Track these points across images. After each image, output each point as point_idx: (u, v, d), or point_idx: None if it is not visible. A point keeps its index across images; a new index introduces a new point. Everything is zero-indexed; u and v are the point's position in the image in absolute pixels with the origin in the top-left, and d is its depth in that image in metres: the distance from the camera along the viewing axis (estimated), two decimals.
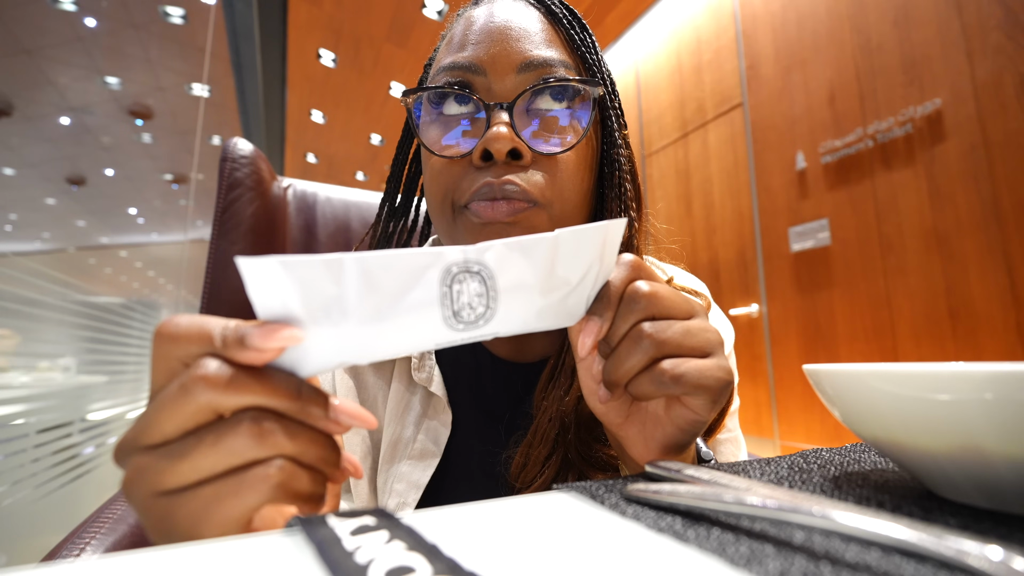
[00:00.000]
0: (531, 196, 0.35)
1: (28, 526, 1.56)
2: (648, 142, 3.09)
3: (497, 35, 0.37)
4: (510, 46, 0.36)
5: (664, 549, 0.16)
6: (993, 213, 1.59)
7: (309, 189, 0.97)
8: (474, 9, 0.41)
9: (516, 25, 0.37)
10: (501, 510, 0.21)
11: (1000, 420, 0.17)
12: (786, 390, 2.20)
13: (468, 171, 0.36)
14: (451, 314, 0.22)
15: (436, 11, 3.25)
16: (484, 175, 0.35)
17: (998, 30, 1.59)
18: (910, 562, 0.14)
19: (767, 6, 2.37)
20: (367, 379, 0.44)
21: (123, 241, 6.48)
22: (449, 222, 0.37)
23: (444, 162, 0.36)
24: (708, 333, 0.26)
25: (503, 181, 0.34)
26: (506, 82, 0.36)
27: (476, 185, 0.35)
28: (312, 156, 5.76)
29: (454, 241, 0.38)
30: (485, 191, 0.34)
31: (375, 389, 0.43)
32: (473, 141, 0.36)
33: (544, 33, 0.38)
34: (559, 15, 0.40)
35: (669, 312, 0.26)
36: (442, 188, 0.37)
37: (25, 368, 1.96)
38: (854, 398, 0.22)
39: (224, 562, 0.15)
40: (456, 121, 0.37)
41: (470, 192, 0.35)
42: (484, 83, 0.36)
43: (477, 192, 0.35)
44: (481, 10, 0.40)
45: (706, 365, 0.25)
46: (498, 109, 0.35)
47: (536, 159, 0.36)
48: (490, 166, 0.35)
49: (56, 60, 3.42)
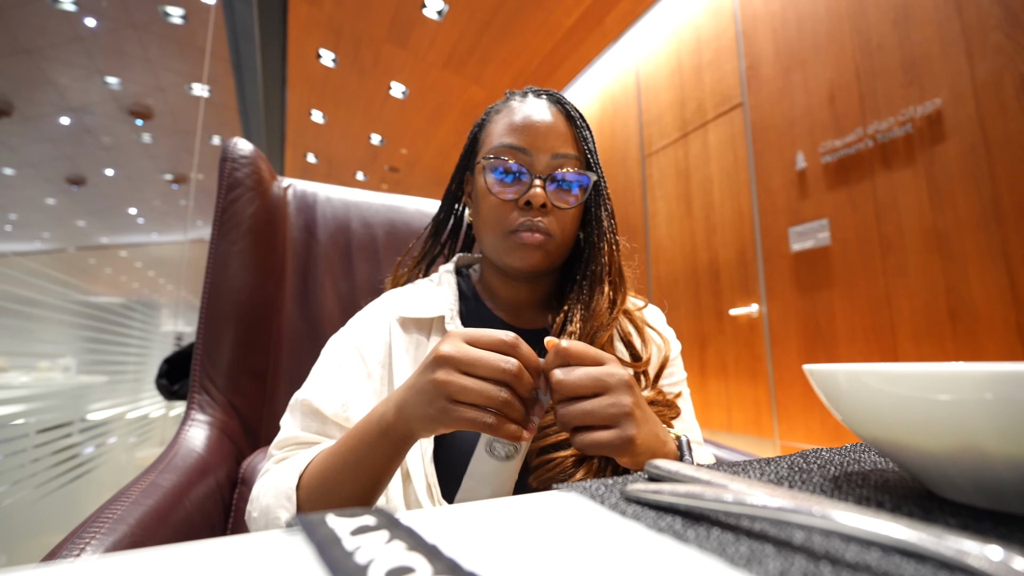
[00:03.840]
0: (549, 231, 0.58)
1: (28, 526, 1.56)
2: (648, 142, 3.09)
3: (539, 130, 0.59)
4: (547, 140, 0.59)
5: (664, 549, 0.16)
6: (993, 213, 1.59)
7: (309, 189, 0.97)
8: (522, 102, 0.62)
9: (551, 124, 0.60)
10: (501, 510, 0.21)
11: (1000, 420, 0.17)
12: (786, 390, 2.20)
13: (514, 210, 0.58)
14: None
15: (436, 11, 3.25)
16: (526, 214, 0.58)
17: (998, 30, 1.59)
18: (910, 562, 0.14)
19: (767, 6, 2.37)
20: (412, 334, 0.59)
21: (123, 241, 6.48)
22: (499, 238, 0.59)
23: (499, 202, 0.59)
24: (611, 408, 0.38)
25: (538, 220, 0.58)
26: (542, 161, 0.59)
27: (522, 219, 0.58)
28: (312, 156, 5.76)
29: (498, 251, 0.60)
30: (527, 223, 0.57)
31: (418, 340, 0.59)
32: (519, 191, 0.58)
33: (567, 133, 0.60)
34: (575, 119, 0.62)
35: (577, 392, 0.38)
36: (497, 217, 0.59)
37: (25, 368, 1.96)
38: (854, 398, 0.22)
39: (224, 562, 0.15)
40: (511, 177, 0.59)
41: (517, 223, 0.58)
42: (528, 160, 0.59)
43: (523, 224, 0.57)
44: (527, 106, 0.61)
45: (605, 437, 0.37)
46: (537, 177, 0.58)
47: (552, 209, 0.58)
48: (528, 210, 0.58)
49: (56, 60, 3.42)
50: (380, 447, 0.41)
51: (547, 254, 0.58)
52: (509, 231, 0.58)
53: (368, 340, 0.59)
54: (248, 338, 0.83)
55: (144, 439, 2.91)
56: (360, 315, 0.63)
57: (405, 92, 4.24)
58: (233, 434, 0.77)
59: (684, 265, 2.74)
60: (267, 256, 0.87)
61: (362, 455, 0.42)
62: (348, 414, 0.53)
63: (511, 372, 0.37)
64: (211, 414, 0.77)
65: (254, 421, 0.82)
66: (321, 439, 0.53)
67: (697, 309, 2.67)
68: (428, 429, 0.39)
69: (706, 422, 2.57)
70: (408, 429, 0.40)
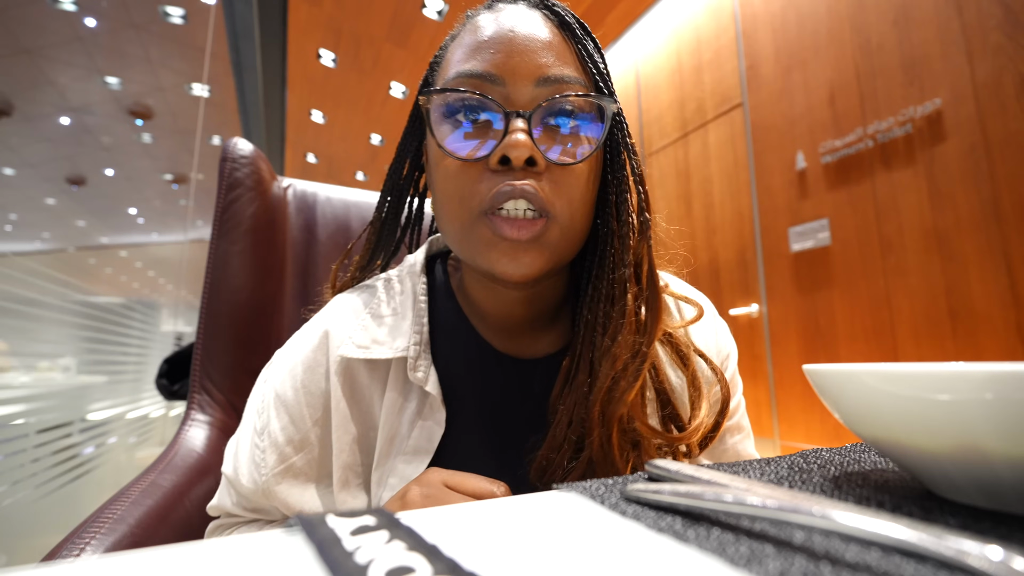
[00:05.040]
0: (547, 207, 0.36)
1: (28, 526, 1.56)
2: (648, 142, 3.09)
3: (516, 45, 0.37)
4: (529, 58, 0.37)
5: (664, 549, 0.16)
6: (993, 213, 1.59)
7: (309, 189, 0.97)
8: (489, 13, 0.41)
9: (534, 37, 0.38)
10: (501, 510, 0.21)
11: (1000, 420, 0.17)
12: (786, 390, 2.20)
13: (484, 175, 0.37)
14: None
15: (436, 11, 3.25)
16: (502, 178, 0.36)
17: (998, 30, 1.59)
18: (910, 562, 0.14)
19: (767, 6, 2.37)
20: (361, 380, 0.42)
21: (123, 241, 6.48)
22: (464, 226, 0.38)
23: (459, 164, 0.37)
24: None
25: (520, 184, 0.35)
26: (524, 93, 0.37)
27: (496, 188, 0.36)
28: (312, 156, 5.76)
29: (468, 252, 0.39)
30: (507, 191, 0.35)
31: (370, 390, 0.42)
32: (489, 146, 0.36)
33: (560, 47, 0.39)
34: (574, 29, 0.40)
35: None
36: (457, 190, 0.38)
37: (25, 368, 1.96)
38: (854, 398, 0.22)
39: (224, 562, 0.15)
40: (472, 125, 0.37)
41: (490, 196, 0.36)
42: (502, 92, 0.37)
43: (498, 195, 0.36)
44: (497, 16, 0.40)
45: None
46: (517, 117, 0.36)
47: (549, 168, 0.37)
48: (506, 171, 0.36)
49: (56, 60, 3.42)
50: None
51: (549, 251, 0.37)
52: (479, 214, 0.37)
53: (298, 396, 0.42)
54: (248, 338, 0.83)
55: (144, 439, 2.91)
56: (290, 354, 0.43)
57: (405, 92, 4.24)
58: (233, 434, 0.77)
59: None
60: (267, 256, 0.87)
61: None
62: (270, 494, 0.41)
63: None
64: (211, 414, 0.77)
65: None
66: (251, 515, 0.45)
67: None
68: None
69: None
70: None
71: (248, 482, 0.41)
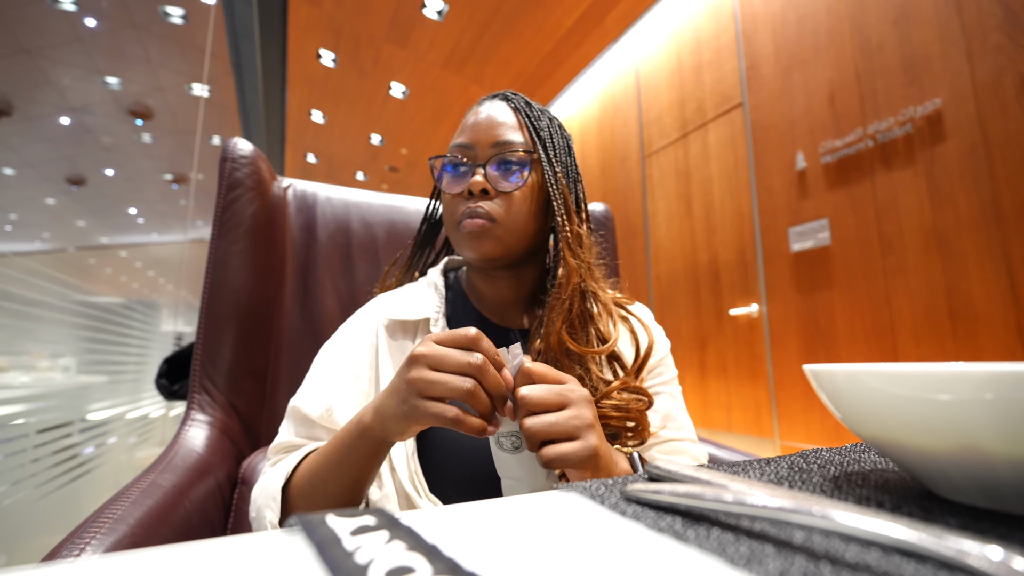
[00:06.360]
0: (492, 216, 0.58)
1: (28, 526, 1.56)
2: (648, 142, 3.09)
3: (482, 124, 0.61)
4: (489, 132, 0.60)
5: (664, 549, 0.16)
6: (993, 213, 1.59)
7: (309, 189, 0.97)
8: (477, 107, 0.65)
9: (494, 119, 0.61)
10: (501, 510, 0.21)
11: (1000, 420, 0.17)
12: (786, 390, 2.20)
13: (461, 201, 0.60)
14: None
15: (436, 11, 3.25)
16: (470, 202, 0.59)
17: (998, 30, 1.59)
18: (910, 562, 0.14)
19: (767, 6, 2.37)
20: (398, 336, 0.61)
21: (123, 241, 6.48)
22: (452, 232, 0.61)
23: (450, 196, 0.61)
24: (574, 420, 0.40)
25: (476, 205, 0.58)
26: (484, 153, 0.60)
27: (463, 208, 0.59)
28: (312, 156, 5.76)
29: (457, 246, 0.61)
30: (468, 211, 0.58)
31: (404, 343, 0.60)
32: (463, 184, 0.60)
33: (511, 122, 0.61)
34: (521, 109, 0.63)
35: (541, 407, 0.40)
36: (449, 211, 0.62)
37: (25, 368, 1.96)
38: (854, 398, 0.22)
39: (224, 562, 0.15)
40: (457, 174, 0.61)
41: (460, 213, 0.59)
42: (472, 153, 0.60)
43: (464, 212, 0.59)
44: (479, 108, 0.64)
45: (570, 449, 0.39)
46: (477, 166, 0.59)
47: (498, 195, 0.59)
48: (473, 197, 0.59)
49: (56, 60, 3.42)
50: (359, 448, 0.44)
51: (496, 240, 0.58)
52: (457, 222, 0.59)
53: (355, 344, 0.60)
54: (248, 338, 0.83)
55: (144, 439, 2.91)
56: (349, 321, 0.65)
57: (405, 92, 4.24)
58: (233, 434, 0.77)
59: (684, 265, 2.74)
60: (267, 256, 0.87)
61: (344, 456, 0.45)
62: (334, 417, 0.55)
63: (475, 365, 0.39)
64: (211, 414, 0.77)
65: (254, 421, 0.82)
66: (309, 443, 0.55)
67: (697, 309, 2.67)
68: (401, 428, 0.41)
69: (706, 422, 2.57)
70: (384, 431, 0.42)
71: (314, 408, 0.55)
